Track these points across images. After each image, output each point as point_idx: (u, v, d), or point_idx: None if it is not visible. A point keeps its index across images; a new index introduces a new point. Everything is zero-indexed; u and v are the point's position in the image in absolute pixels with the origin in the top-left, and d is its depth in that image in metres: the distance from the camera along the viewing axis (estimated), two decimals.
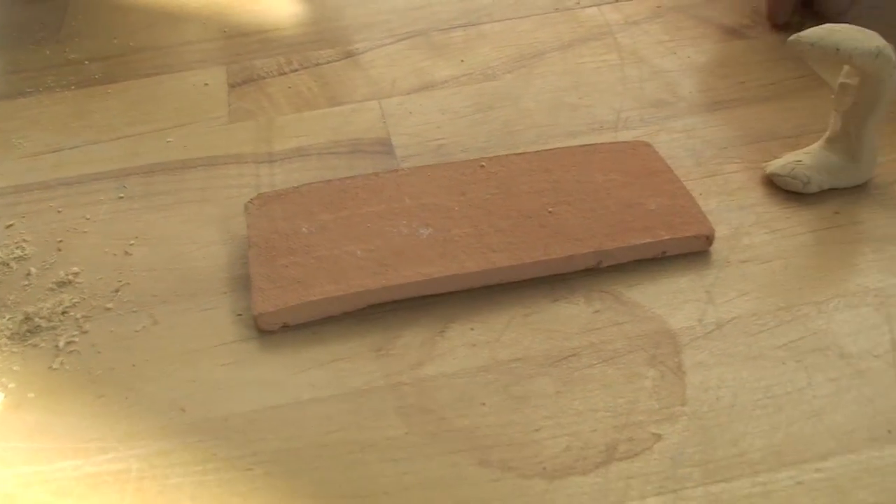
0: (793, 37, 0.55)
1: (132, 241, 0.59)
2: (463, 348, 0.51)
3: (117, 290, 0.56)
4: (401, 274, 0.53)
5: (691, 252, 0.55)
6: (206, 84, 0.73)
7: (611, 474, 0.44)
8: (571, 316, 0.52)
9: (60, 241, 0.59)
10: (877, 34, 0.55)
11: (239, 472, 0.46)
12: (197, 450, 0.47)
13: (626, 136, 0.64)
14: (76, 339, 0.53)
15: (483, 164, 0.60)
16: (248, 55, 0.76)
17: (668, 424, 0.46)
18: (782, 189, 0.59)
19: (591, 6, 0.79)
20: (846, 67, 0.57)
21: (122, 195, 0.63)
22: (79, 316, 0.54)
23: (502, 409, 0.48)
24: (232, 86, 0.73)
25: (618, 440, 0.46)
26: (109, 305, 0.55)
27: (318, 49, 0.76)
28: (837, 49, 0.54)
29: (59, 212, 0.62)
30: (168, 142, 0.67)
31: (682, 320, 0.51)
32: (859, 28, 0.55)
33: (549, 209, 0.56)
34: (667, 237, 0.54)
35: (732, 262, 0.55)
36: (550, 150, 0.61)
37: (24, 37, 0.82)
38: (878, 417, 0.46)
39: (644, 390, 0.48)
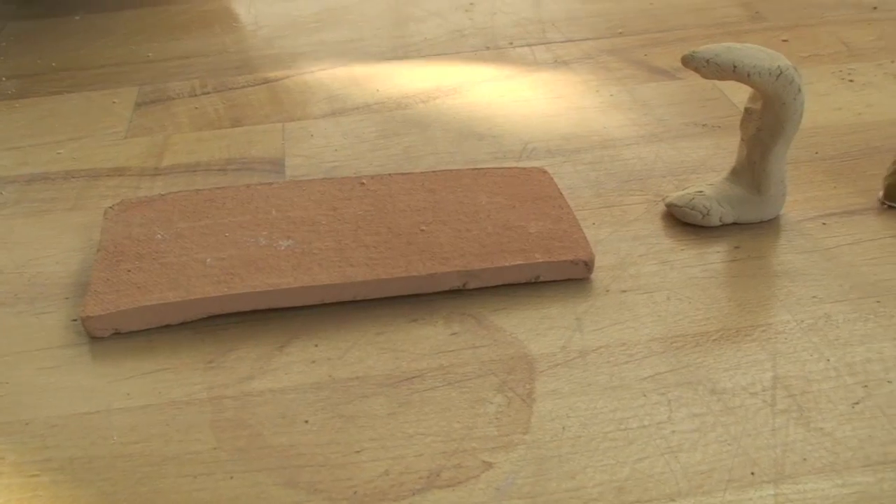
0: (688, 52, 0.51)
1: None
2: (300, 364, 0.46)
3: None
4: (246, 283, 0.49)
5: (570, 279, 0.51)
6: (114, 102, 0.71)
7: (425, 503, 0.39)
8: (425, 337, 0.48)
9: None
10: (781, 55, 0.51)
11: (24, 477, 0.41)
12: None
13: (528, 165, 0.60)
14: None
15: (363, 181, 0.56)
16: (164, 78, 0.74)
17: (502, 453, 0.41)
18: (682, 221, 0.55)
19: (522, 46, 0.76)
20: (752, 91, 0.53)
21: None
22: None
23: (325, 428, 0.43)
24: (139, 104, 0.70)
25: (443, 466, 0.41)
26: None
27: (237, 75, 0.74)
28: (734, 67, 0.50)
29: None
30: (58, 153, 0.65)
31: (543, 346, 0.47)
32: (762, 48, 0.51)
33: (422, 227, 0.52)
34: (541, 260, 0.50)
35: (612, 291, 0.50)
36: (438, 171, 0.57)
37: None
38: (742, 458, 0.41)
39: (485, 416, 0.43)
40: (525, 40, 0.77)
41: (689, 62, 0.51)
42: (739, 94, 0.67)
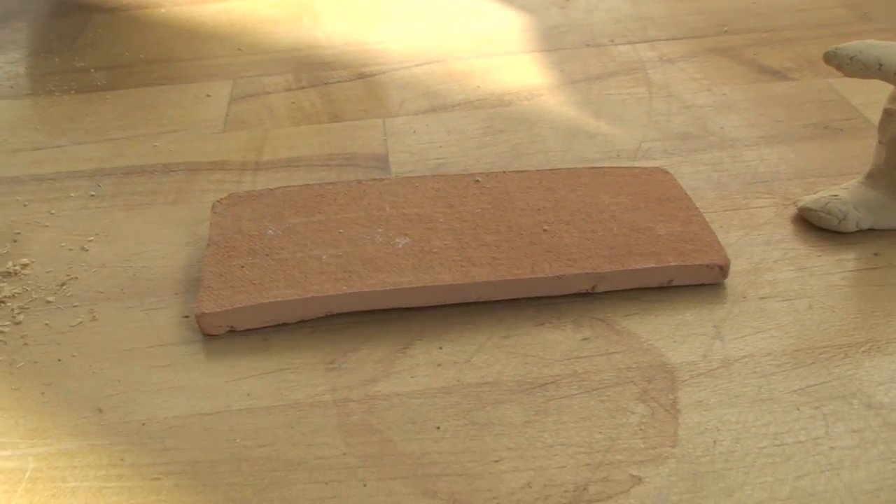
0: (830, 49, 0.48)
1: (91, 238, 0.54)
2: (426, 367, 0.44)
3: (63, 284, 0.51)
4: (366, 282, 0.47)
5: (703, 284, 0.48)
6: (208, 95, 0.69)
7: None
8: (556, 342, 0.45)
9: (18, 234, 0.55)
10: None
11: (145, 481, 0.39)
12: (104, 453, 0.41)
13: (645, 165, 0.58)
14: (5, 330, 0.48)
15: (478, 178, 0.54)
16: (257, 72, 0.73)
17: (651, 466, 0.39)
18: (816, 226, 0.52)
19: (624, 44, 0.74)
20: (892, 91, 0.50)
21: (93, 193, 0.58)
22: (15, 307, 0.49)
23: (459, 436, 0.41)
24: (234, 99, 0.69)
25: (589, 480, 0.38)
26: (51, 298, 0.50)
27: (331, 70, 0.72)
28: (880, 65, 0.47)
29: (24, 205, 0.58)
30: (154, 146, 0.63)
31: (682, 355, 0.44)
32: None
33: (545, 227, 0.50)
34: (674, 264, 0.47)
35: (750, 297, 0.47)
36: (555, 169, 0.55)
37: (40, 46, 0.80)
38: None
39: (628, 427, 0.40)
40: (626, 37, 0.75)
41: (832, 59, 0.48)
42: (859, 96, 0.64)
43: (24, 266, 0.52)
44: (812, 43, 0.73)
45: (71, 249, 0.53)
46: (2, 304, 0.49)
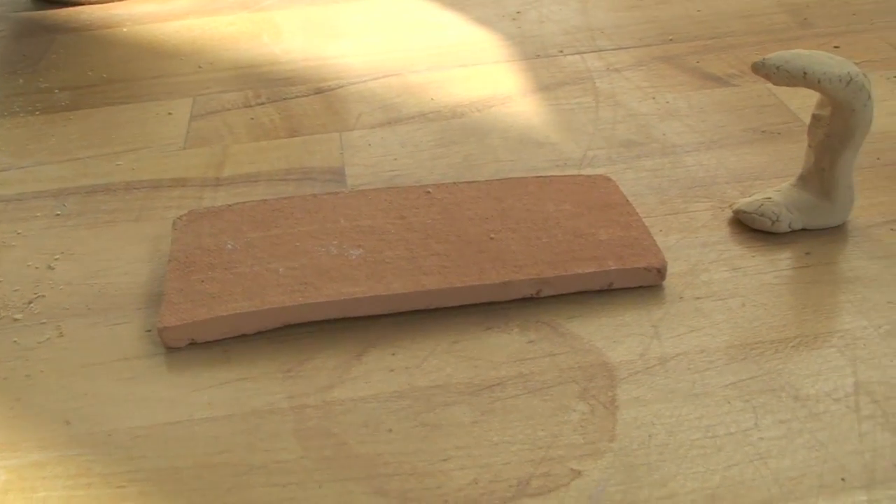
0: (758, 60, 0.51)
1: (57, 256, 0.56)
2: (379, 373, 0.46)
3: (30, 302, 0.52)
4: (321, 293, 0.49)
5: (642, 286, 0.51)
6: (170, 113, 0.71)
7: None
8: (502, 345, 0.48)
9: None
10: (849, 61, 0.51)
11: (111, 489, 0.41)
12: (72, 463, 0.43)
13: (590, 172, 0.60)
14: None
15: (429, 190, 0.56)
16: (217, 89, 0.74)
17: (590, 460, 0.41)
18: (750, 228, 0.55)
19: (573, 54, 0.76)
20: (819, 97, 0.53)
21: (59, 212, 0.60)
22: None
23: (410, 437, 0.43)
24: (195, 116, 0.71)
25: (532, 475, 0.41)
26: (18, 316, 0.51)
27: (289, 85, 0.74)
28: (805, 73, 0.50)
29: None
30: (117, 164, 0.65)
31: (622, 354, 0.47)
32: (830, 54, 0.51)
33: (492, 235, 0.52)
34: (614, 267, 0.50)
35: (686, 297, 0.50)
36: (502, 179, 0.57)
37: (3, 67, 0.81)
38: (832, 464, 0.40)
39: (569, 424, 0.43)
40: (575, 48, 0.77)
41: (760, 69, 0.51)
42: (796, 100, 0.67)
43: None
44: (753, 49, 0.76)
45: (37, 268, 0.55)
46: None
